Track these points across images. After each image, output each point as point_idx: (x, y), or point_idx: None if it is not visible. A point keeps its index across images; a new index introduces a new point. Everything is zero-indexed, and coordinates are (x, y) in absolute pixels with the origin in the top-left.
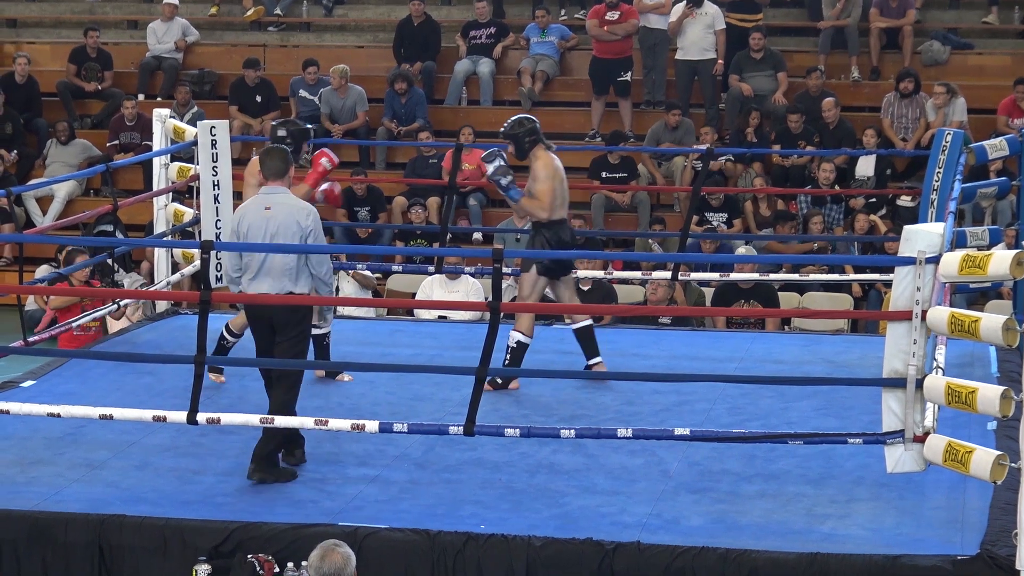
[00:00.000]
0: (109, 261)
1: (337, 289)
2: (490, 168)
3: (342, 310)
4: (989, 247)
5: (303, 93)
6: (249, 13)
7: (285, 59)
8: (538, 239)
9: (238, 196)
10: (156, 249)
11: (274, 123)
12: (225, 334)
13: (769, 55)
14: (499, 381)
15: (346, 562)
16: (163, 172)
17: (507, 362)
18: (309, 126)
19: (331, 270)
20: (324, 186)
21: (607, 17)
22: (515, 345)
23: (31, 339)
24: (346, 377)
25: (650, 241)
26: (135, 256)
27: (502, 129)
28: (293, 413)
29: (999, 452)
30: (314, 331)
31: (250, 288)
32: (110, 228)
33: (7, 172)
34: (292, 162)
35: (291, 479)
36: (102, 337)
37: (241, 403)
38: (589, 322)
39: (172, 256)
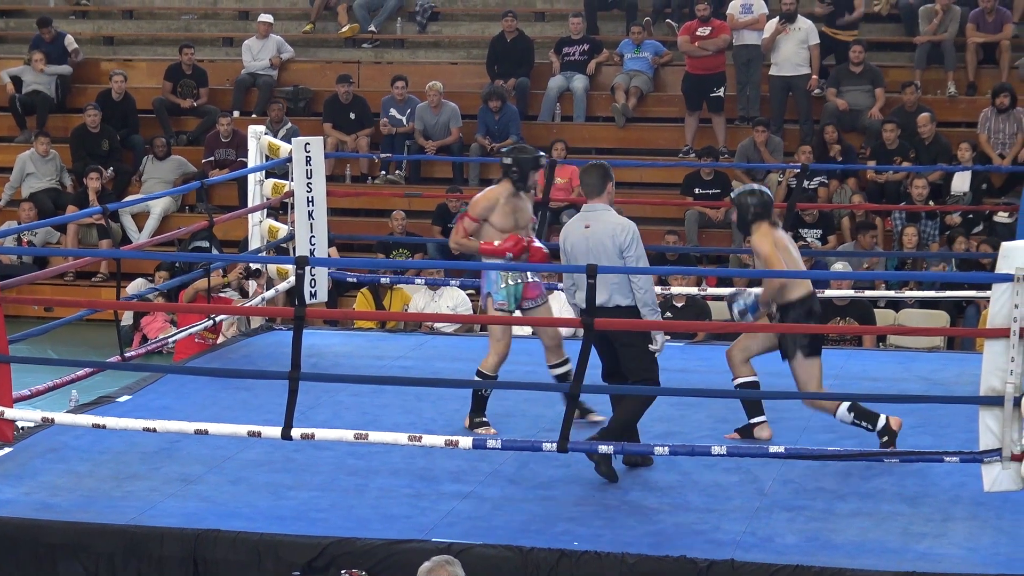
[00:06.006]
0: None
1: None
2: (736, 311)
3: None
4: None
5: (393, 113)
6: (344, 30)
7: (379, 76)
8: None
9: (332, 212)
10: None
11: (504, 149)
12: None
13: (868, 70)
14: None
15: None
16: (258, 188)
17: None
18: (541, 154)
19: (652, 290)
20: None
21: (698, 32)
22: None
23: (127, 354)
24: (597, 417)
25: (742, 257)
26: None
27: (731, 196)
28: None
29: None
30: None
31: (579, 302)
32: (205, 244)
33: (104, 188)
34: (611, 178)
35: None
36: (213, 345)
37: (335, 419)
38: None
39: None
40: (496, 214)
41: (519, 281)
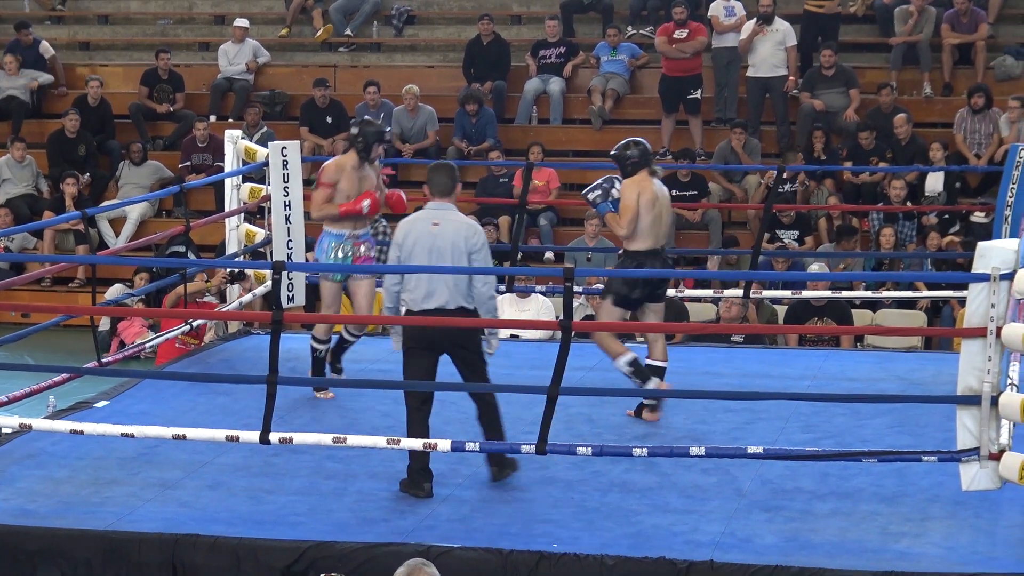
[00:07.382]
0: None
1: None
2: (592, 196)
3: None
4: None
5: (368, 119)
6: (320, 34)
7: (355, 79)
8: (620, 268)
9: (309, 216)
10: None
11: (352, 120)
12: (315, 344)
13: (841, 72)
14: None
15: None
16: (235, 193)
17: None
18: (387, 128)
19: (494, 292)
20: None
21: (675, 35)
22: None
23: (105, 360)
24: (322, 395)
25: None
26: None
27: (611, 153)
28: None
29: None
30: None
31: (424, 305)
32: (182, 249)
33: (80, 194)
34: (458, 179)
35: (514, 470)
36: (193, 349)
37: (313, 423)
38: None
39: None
40: (344, 180)
41: (348, 254)
